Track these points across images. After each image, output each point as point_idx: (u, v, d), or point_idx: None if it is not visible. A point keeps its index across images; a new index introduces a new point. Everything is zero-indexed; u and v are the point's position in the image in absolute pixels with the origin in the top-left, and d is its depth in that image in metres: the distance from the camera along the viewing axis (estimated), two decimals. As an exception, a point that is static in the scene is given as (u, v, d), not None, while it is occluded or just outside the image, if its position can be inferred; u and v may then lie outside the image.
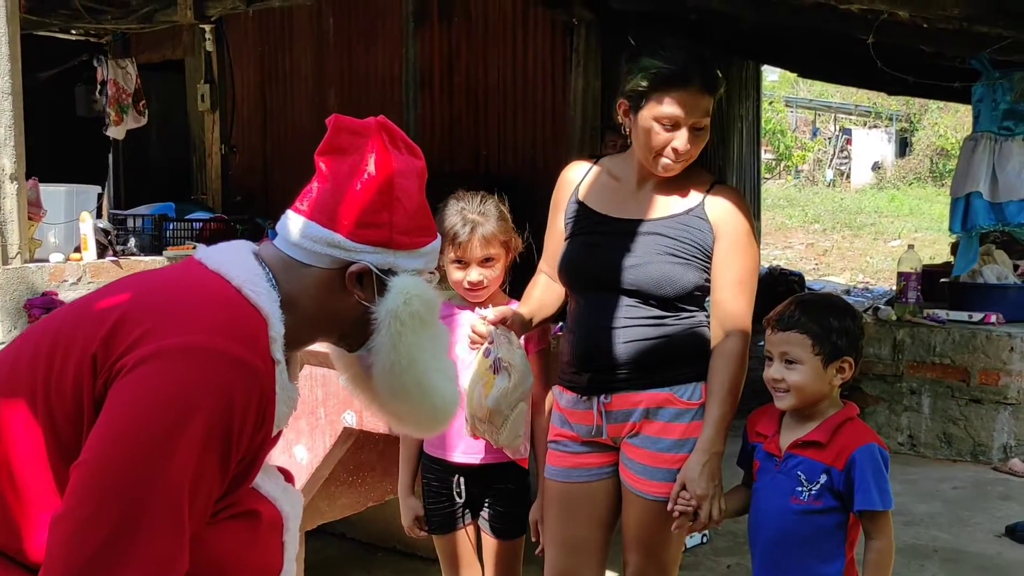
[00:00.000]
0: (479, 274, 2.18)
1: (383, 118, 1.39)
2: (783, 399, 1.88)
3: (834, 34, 4.71)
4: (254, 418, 1.20)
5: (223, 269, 1.29)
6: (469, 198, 2.23)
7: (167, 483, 1.11)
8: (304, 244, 1.34)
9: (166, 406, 1.12)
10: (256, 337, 1.24)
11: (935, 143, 19.02)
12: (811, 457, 1.84)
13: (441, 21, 6.71)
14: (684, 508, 1.92)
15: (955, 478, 4.37)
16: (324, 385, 2.58)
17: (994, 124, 4.44)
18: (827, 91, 20.90)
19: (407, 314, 1.35)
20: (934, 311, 4.82)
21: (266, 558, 1.34)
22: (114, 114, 6.47)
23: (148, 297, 1.24)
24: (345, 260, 1.34)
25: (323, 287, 1.34)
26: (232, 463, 1.20)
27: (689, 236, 2.01)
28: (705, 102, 1.95)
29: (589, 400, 2.06)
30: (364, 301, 1.35)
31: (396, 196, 1.36)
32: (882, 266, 11.11)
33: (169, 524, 1.12)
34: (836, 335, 1.84)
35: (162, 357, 1.14)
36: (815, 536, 1.83)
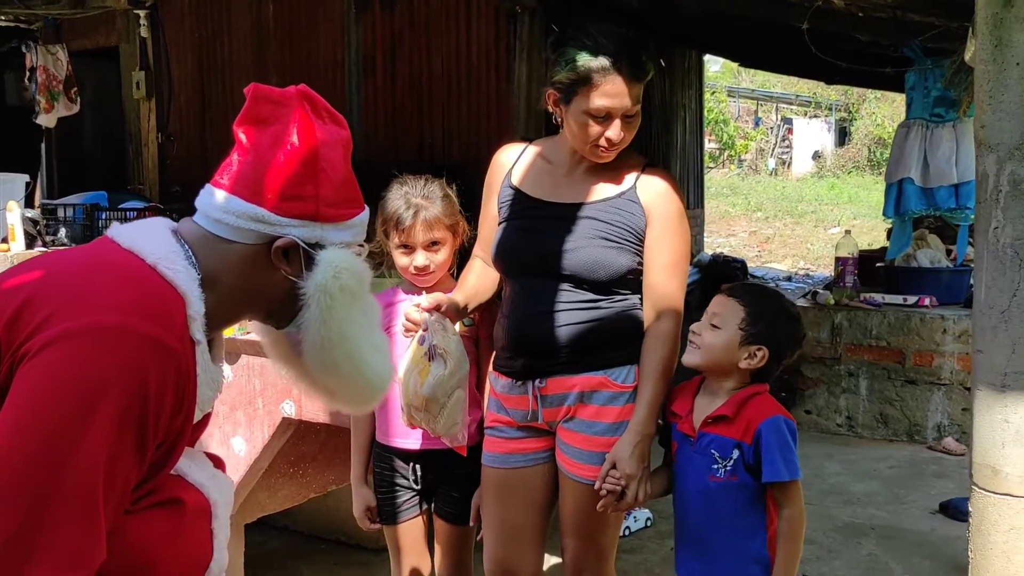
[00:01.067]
0: (425, 258, 2.16)
1: (304, 87, 1.34)
2: (692, 354, 1.92)
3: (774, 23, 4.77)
4: (171, 400, 1.15)
5: (136, 247, 1.23)
6: (413, 181, 2.21)
7: (77, 471, 1.06)
8: (227, 219, 1.29)
9: (73, 390, 1.07)
10: (171, 316, 1.19)
11: (873, 132, 19.45)
12: (722, 434, 1.87)
13: (383, 7, 6.62)
14: (612, 487, 1.93)
15: (891, 457, 4.48)
16: (262, 375, 2.54)
17: (926, 111, 4.54)
18: (769, 81, 21.24)
19: (337, 288, 1.31)
20: (870, 295, 4.93)
21: (194, 547, 1.30)
22: (44, 102, 6.27)
23: (56, 277, 1.18)
24: (270, 235, 1.29)
25: (248, 263, 1.30)
26: (149, 447, 1.15)
27: (621, 220, 2.01)
28: (635, 90, 1.95)
29: (524, 385, 2.06)
30: (291, 276, 1.31)
31: (321, 167, 1.31)
32: (822, 252, 11.32)
33: (81, 514, 1.07)
34: (766, 323, 1.88)
35: (68, 339, 1.09)
36: (736, 512, 1.86)
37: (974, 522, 1.79)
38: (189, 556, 1.29)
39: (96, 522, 1.08)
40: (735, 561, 1.86)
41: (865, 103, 20.17)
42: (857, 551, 3.39)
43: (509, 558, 2.13)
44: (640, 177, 2.05)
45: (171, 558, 1.25)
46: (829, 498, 3.90)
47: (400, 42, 6.62)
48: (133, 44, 6.16)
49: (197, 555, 1.30)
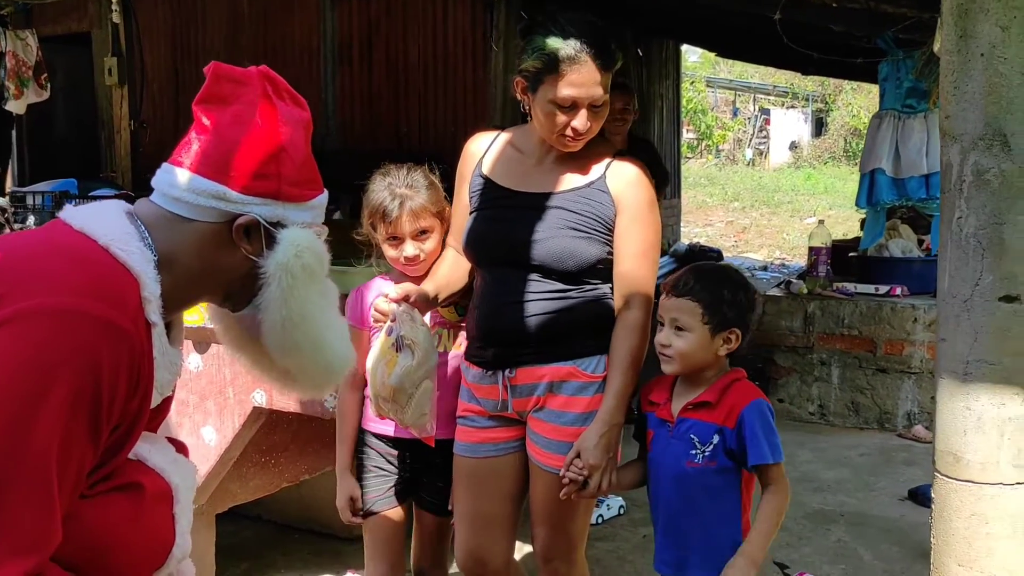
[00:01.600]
0: (415, 248, 2.15)
1: (265, 68, 1.34)
2: (668, 363, 1.90)
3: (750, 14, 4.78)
4: (126, 382, 1.14)
5: (88, 228, 1.21)
6: (395, 171, 2.20)
7: (29, 454, 1.05)
8: (187, 198, 1.27)
9: (23, 372, 1.05)
10: (124, 298, 1.17)
11: (849, 123, 19.59)
12: (702, 419, 1.87)
13: (359, -6, 6.58)
14: (575, 476, 1.93)
15: (862, 445, 4.53)
16: (232, 364, 2.53)
17: (898, 102, 4.58)
18: (747, 72, 21.31)
19: (298, 267, 1.30)
20: (843, 284, 4.98)
21: (154, 532, 1.28)
22: (14, 88, 6.16)
23: (6, 260, 1.16)
24: (232, 213, 1.28)
25: (207, 242, 1.28)
26: (104, 430, 1.14)
27: (590, 209, 2.01)
28: (602, 79, 1.94)
29: (494, 375, 2.06)
30: (251, 255, 1.30)
31: (283, 147, 1.31)
32: (798, 242, 11.39)
33: (35, 498, 1.06)
34: (727, 306, 1.87)
35: (17, 321, 1.07)
36: (711, 497, 1.87)
37: (936, 508, 1.81)
38: (149, 541, 1.28)
39: (50, 505, 1.07)
40: (710, 547, 1.87)
41: (842, 94, 20.30)
42: (826, 537, 3.43)
43: (480, 547, 2.13)
44: (610, 166, 2.05)
45: (130, 542, 1.24)
46: (800, 485, 3.94)
47: (376, 30, 6.58)
48: (105, 30, 6.08)
49: (158, 540, 1.29)
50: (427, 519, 2.29)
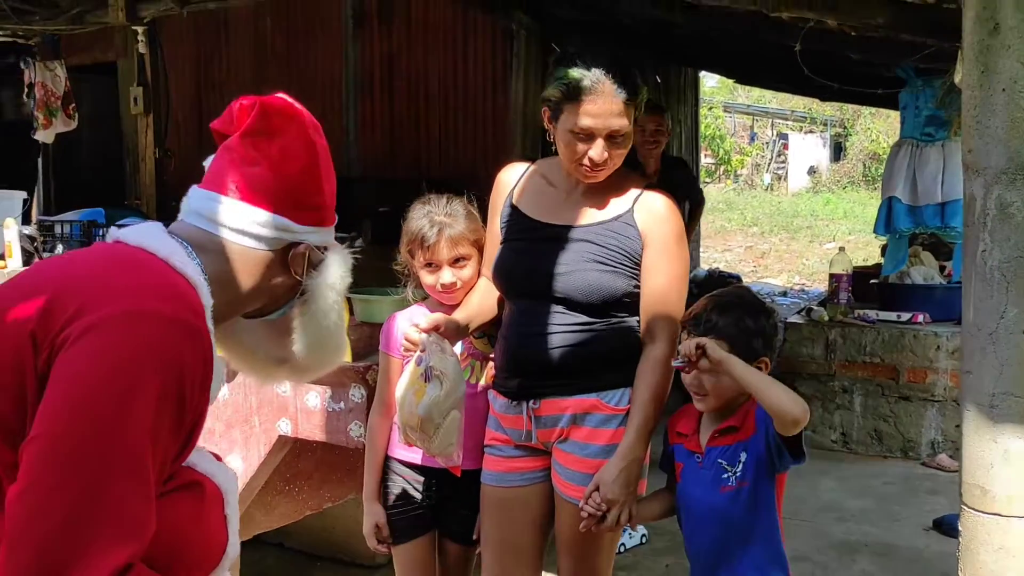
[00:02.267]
0: (452, 275, 2.17)
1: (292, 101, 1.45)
2: (702, 402, 1.89)
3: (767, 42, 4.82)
4: (200, 381, 1.22)
5: (145, 244, 1.30)
6: (435, 200, 2.23)
7: (127, 447, 1.11)
8: (251, 230, 1.37)
9: (119, 371, 1.12)
10: (194, 302, 1.26)
11: (868, 148, 19.53)
12: (728, 443, 1.87)
13: (381, 24, 6.67)
14: (592, 511, 1.93)
15: (886, 474, 4.49)
16: (258, 393, 2.55)
17: (916, 130, 4.60)
18: (764, 97, 21.33)
19: (341, 284, 1.45)
20: (864, 311, 4.96)
21: (213, 531, 1.34)
22: (43, 117, 6.28)
23: (78, 272, 1.24)
24: (287, 241, 1.39)
25: (262, 266, 1.39)
26: (185, 425, 1.20)
27: (617, 243, 2.01)
28: (621, 110, 1.94)
29: (519, 405, 2.07)
30: (299, 276, 1.42)
31: (325, 177, 1.43)
32: (818, 268, 11.35)
33: (135, 486, 1.12)
34: (754, 337, 1.86)
35: (107, 324, 1.14)
36: (750, 517, 1.85)
37: (964, 541, 1.80)
38: (210, 540, 1.33)
39: (148, 495, 1.14)
40: (756, 568, 1.86)
41: (860, 119, 20.26)
42: (851, 568, 3.40)
43: (507, 574, 2.13)
44: (638, 199, 2.05)
45: (195, 541, 1.29)
46: (823, 515, 3.91)
47: (397, 59, 6.67)
48: (131, 60, 6.17)
49: (216, 539, 1.35)
50: (451, 548, 2.29)
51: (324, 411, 2.48)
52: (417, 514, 2.25)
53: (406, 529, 2.25)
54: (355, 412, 2.44)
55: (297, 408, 2.51)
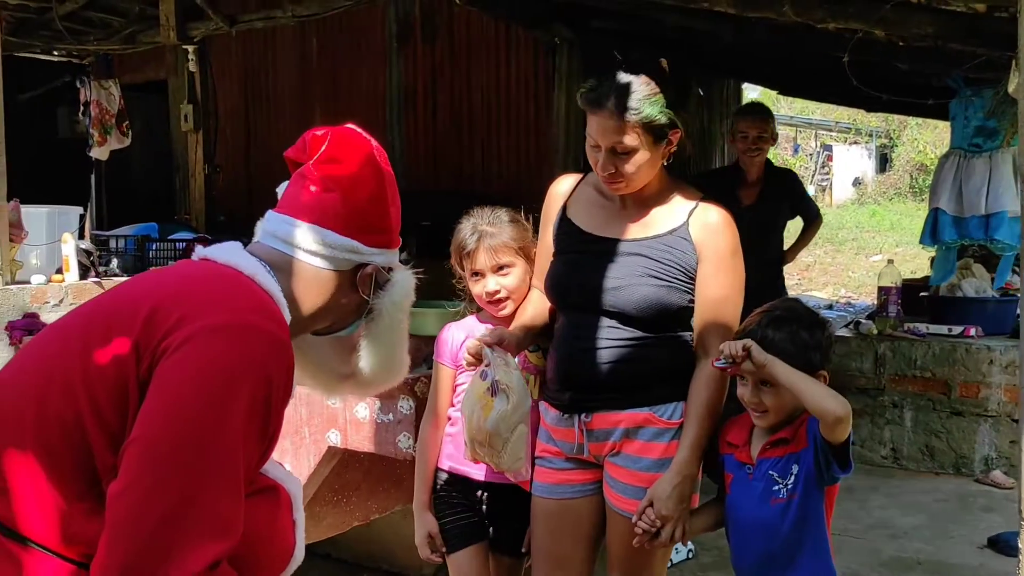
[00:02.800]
0: (496, 283, 2.18)
1: None
2: (761, 419, 1.87)
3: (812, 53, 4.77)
4: (284, 390, 1.29)
5: (232, 262, 1.39)
6: (480, 211, 2.26)
7: (221, 449, 1.18)
8: (323, 252, 1.45)
9: (213, 378, 1.20)
10: (279, 316, 1.35)
11: (915, 159, 19.21)
12: (780, 455, 1.85)
13: (424, 41, 6.74)
14: (647, 527, 1.92)
15: (938, 490, 4.40)
16: (308, 404, 2.59)
17: (964, 141, 4.52)
18: (808, 108, 21.10)
19: (407, 303, 1.56)
20: (914, 325, 4.87)
21: (283, 536, 1.40)
22: (98, 135, 6.45)
23: (177, 285, 1.34)
24: (358, 262, 1.48)
25: (333, 286, 1.48)
26: (268, 432, 1.27)
27: (672, 258, 1.99)
28: (618, 128, 1.91)
29: (571, 418, 2.06)
30: (366, 295, 1.50)
31: (392, 201, 1.52)
32: (864, 280, 11.19)
33: (228, 487, 1.19)
34: (811, 351, 1.84)
35: (204, 336, 1.22)
36: (800, 530, 1.83)
37: (1023, 559, 1.76)
38: (281, 543, 1.39)
39: (239, 495, 1.21)
40: None
41: (907, 129, 19.95)
42: (904, 586, 3.34)
43: None
44: (693, 212, 2.02)
45: (268, 543, 1.35)
46: (874, 532, 3.84)
47: (440, 74, 6.73)
48: (181, 78, 6.32)
49: (286, 543, 1.41)
50: (502, 559, 2.29)
51: (373, 422, 2.50)
52: (469, 523, 2.26)
53: (459, 538, 2.26)
54: (404, 424, 2.46)
55: (346, 419, 2.53)
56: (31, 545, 1.20)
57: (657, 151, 1.97)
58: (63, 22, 6.33)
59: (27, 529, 1.20)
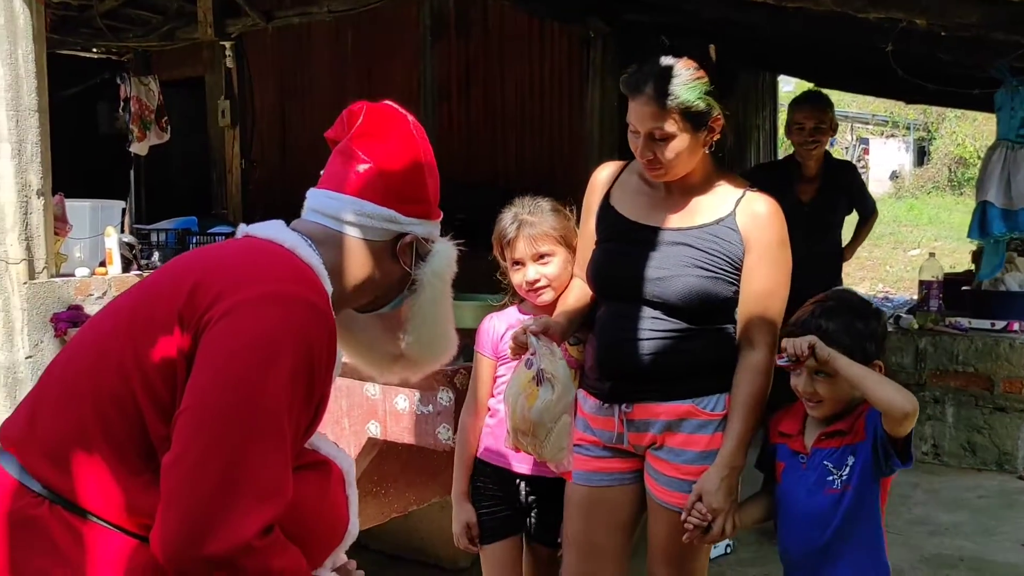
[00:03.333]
0: (536, 272, 2.17)
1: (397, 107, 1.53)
2: (816, 409, 1.85)
3: (850, 44, 4.71)
4: (326, 358, 1.30)
5: (273, 237, 1.40)
6: (522, 200, 2.25)
7: (265, 414, 1.20)
8: (362, 221, 1.46)
9: (259, 347, 1.22)
10: (320, 287, 1.36)
11: (953, 152, 18.90)
12: (835, 445, 1.83)
13: (459, 35, 6.75)
14: (697, 521, 1.91)
15: (980, 487, 4.33)
16: (348, 396, 2.60)
17: (1012, 132, 4.43)
18: (843, 100, 20.80)
19: (449, 275, 1.54)
20: (956, 319, 4.79)
21: (336, 510, 1.41)
22: (137, 130, 6.54)
23: (218, 259, 1.36)
24: (397, 232, 1.48)
25: (373, 257, 1.47)
26: (313, 400, 1.29)
27: (718, 248, 1.96)
28: (655, 114, 1.89)
29: (611, 408, 2.05)
30: (406, 267, 1.50)
31: (430, 173, 1.52)
32: (902, 275, 11.04)
33: (275, 452, 1.21)
34: (866, 340, 1.82)
35: (245, 306, 1.24)
36: (853, 522, 1.81)
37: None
38: (333, 517, 1.40)
39: (287, 461, 1.22)
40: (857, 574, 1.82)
41: (945, 122, 19.62)
42: (946, 584, 3.29)
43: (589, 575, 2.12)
44: (740, 202, 1.99)
45: (322, 517, 1.36)
46: (915, 528, 3.79)
47: (474, 69, 6.73)
48: (218, 74, 6.39)
49: (339, 517, 1.42)
50: (539, 550, 2.29)
51: (413, 414, 2.51)
52: (506, 515, 2.26)
53: (494, 530, 2.26)
54: (443, 415, 2.46)
55: (386, 411, 2.55)
56: (92, 518, 1.23)
57: (697, 138, 1.94)
58: (103, 19, 6.42)
59: (88, 503, 1.23)
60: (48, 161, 3.43)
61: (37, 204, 3.37)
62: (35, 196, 3.37)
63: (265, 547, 1.19)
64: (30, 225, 3.35)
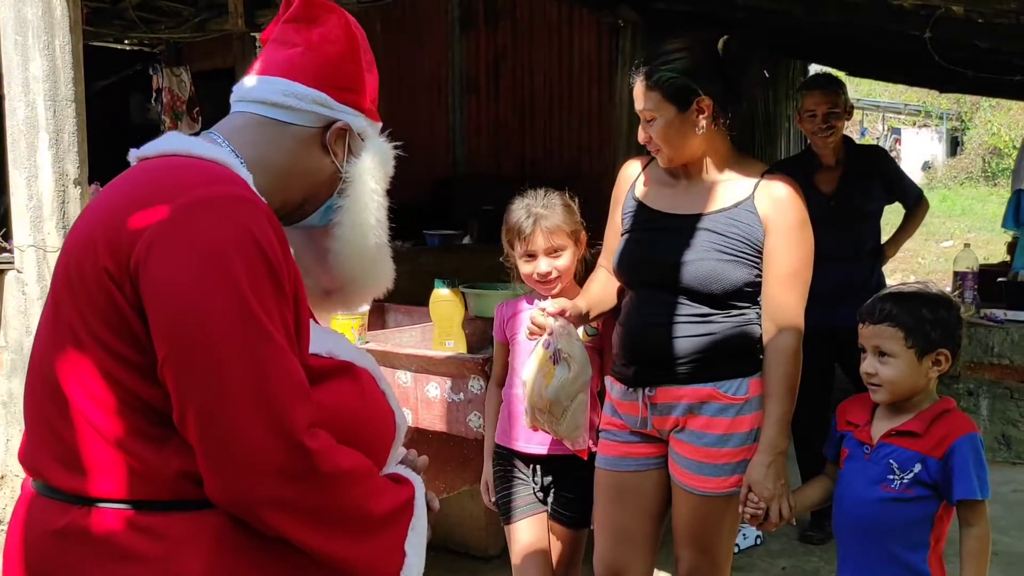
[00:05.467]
0: (548, 264, 2.22)
1: None
2: (877, 392, 1.84)
3: (884, 31, 4.64)
4: (277, 244, 1.18)
5: (163, 149, 1.26)
6: (534, 193, 2.29)
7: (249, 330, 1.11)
8: (288, 102, 1.32)
9: (202, 269, 1.11)
10: (232, 177, 1.23)
11: (987, 142, 18.61)
12: (905, 446, 1.81)
13: (487, 25, 6.75)
14: (754, 511, 1.92)
15: (1015, 480, 4.28)
16: (380, 383, 2.62)
17: (1052, 119, 4.35)
18: (875, 90, 20.58)
19: (380, 175, 1.40)
20: (991, 311, 4.73)
21: (379, 408, 1.33)
22: (169, 121, 6.61)
23: (116, 200, 1.21)
24: (328, 118, 1.35)
25: (300, 145, 1.34)
26: (288, 290, 1.18)
27: (738, 231, 2.00)
28: (642, 95, 1.98)
29: (635, 392, 2.09)
30: (337, 160, 1.37)
31: (367, 66, 1.40)
32: (934, 267, 10.90)
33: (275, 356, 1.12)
34: (930, 326, 1.80)
35: (165, 231, 1.13)
36: (903, 525, 1.81)
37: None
38: (379, 413, 1.33)
39: (291, 357, 1.14)
40: (895, 572, 1.82)
41: (979, 111, 19.34)
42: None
43: (619, 561, 2.15)
44: (758, 185, 2.03)
45: (367, 417, 1.29)
46: (948, 522, 3.75)
47: (503, 59, 6.73)
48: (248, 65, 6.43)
49: (384, 412, 1.34)
50: (558, 530, 2.33)
51: (444, 401, 2.53)
52: (524, 496, 2.30)
53: (515, 509, 2.31)
54: (474, 403, 2.48)
55: (417, 398, 2.56)
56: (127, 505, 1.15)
57: (685, 118, 1.97)
58: (135, 11, 6.48)
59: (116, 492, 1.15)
60: (84, 151, 3.47)
61: (74, 193, 3.42)
62: (72, 185, 3.42)
63: (323, 447, 1.13)
64: (67, 214, 3.40)
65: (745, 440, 2.01)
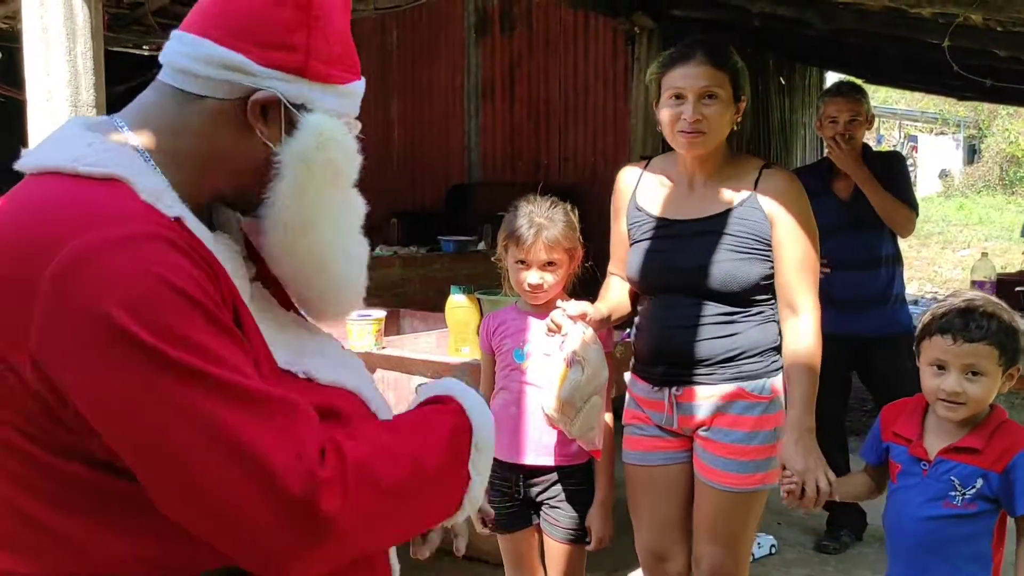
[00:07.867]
0: (539, 277, 2.19)
1: None
2: (957, 411, 1.77)
3: (901, 39, 4.63)
4: (190, 268, 0.94)
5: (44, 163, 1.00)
6: (538, 202, 2.25)
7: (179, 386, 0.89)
8: (195, 68, 1.03)
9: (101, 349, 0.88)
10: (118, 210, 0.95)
11: (1005, 150, 18.52)
12: (967, 462, 1.77)
13: (503, 32, 6.77)
14: (789, 487, 1.90)
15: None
16: (396, 389, 2.63)
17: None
18: (892, 97, 20.51)
19: (320, 160, 1.07)
20: (1009, 321, 4.69)
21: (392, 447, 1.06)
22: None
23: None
24: (248, 88, 1.04)
25: (216, 122, 1.05)
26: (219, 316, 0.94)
27: (746, 229, 2.05)
28: (709, 73, 1.99)
29: (661, 390, 2.13)
30: (268, 140, 1.06)
31: (315, 15, 1.07)
32: (951, 276, 10.84)
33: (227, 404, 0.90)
34: (1014, 342, 1.75)
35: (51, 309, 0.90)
36: (967, 539, 1.78)
37: None
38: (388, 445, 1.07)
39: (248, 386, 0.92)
40: None
41: (997, 119, 19.24)
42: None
43: (663, 546, 2.19)
44: (758, 181, 2.07)
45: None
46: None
47: (519, 65, 6.75)
48: (266, 71, 6.49)
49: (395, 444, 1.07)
50: (552, 545, 2.30)
51: (459, 408, 2.53)
52: (511, 509, 2.27)
53: (506, 522, 2.28)
54: (489, 410, 2.47)
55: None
56: None
57: (730, 110, 2.04)
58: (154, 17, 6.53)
59: None
60: (103, 156, 3.50)
61: (92, 198, 3.45)
62: (91, 190, 3.45)
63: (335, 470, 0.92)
64: (86, 218, 3.43)
65: (770, 438, 2.05)
